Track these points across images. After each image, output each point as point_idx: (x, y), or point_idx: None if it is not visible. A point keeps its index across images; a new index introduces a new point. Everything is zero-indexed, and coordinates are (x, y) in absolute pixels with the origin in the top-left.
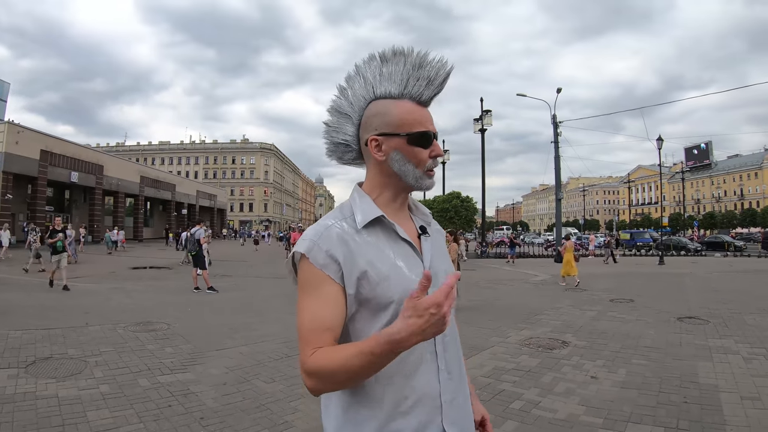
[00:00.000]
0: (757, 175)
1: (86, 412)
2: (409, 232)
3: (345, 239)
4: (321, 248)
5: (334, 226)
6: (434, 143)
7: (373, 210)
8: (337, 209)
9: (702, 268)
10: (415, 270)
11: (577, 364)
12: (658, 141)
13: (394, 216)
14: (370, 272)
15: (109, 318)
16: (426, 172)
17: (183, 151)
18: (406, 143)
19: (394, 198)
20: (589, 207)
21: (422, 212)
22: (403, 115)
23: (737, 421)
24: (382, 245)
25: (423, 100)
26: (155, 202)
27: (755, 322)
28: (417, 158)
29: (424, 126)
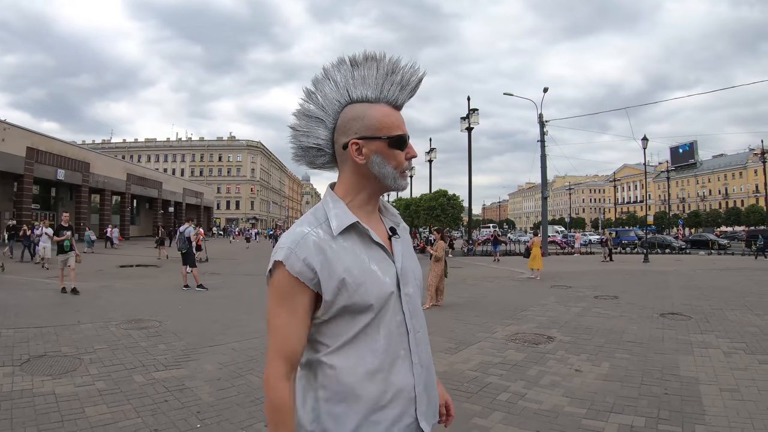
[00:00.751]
0: (741, 175)
1: (84, 408)
2: (380, 234)
3: (322, 247)
4: (298, 257)
5: (311, 234)
6: (409, 145)
7: (348, 216)
8: (310, 214)
9: (686, 265)
10: (388, 272)
11: (562, 358)
12: (644, 140)
13: (367, 219)
14: (348, 279)
15: (100, 316)
16: (402, 174)
17: (169, 149)
18: (387, 146)
19: (368, 200)
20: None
21: (391, 213)
22: (382, 118)
23: (716, 412)
24: (358, 250)
25: (398, 104)
26: (141, 199)
27: (736, 318)
28: (396, 160)
29: (401, 129)
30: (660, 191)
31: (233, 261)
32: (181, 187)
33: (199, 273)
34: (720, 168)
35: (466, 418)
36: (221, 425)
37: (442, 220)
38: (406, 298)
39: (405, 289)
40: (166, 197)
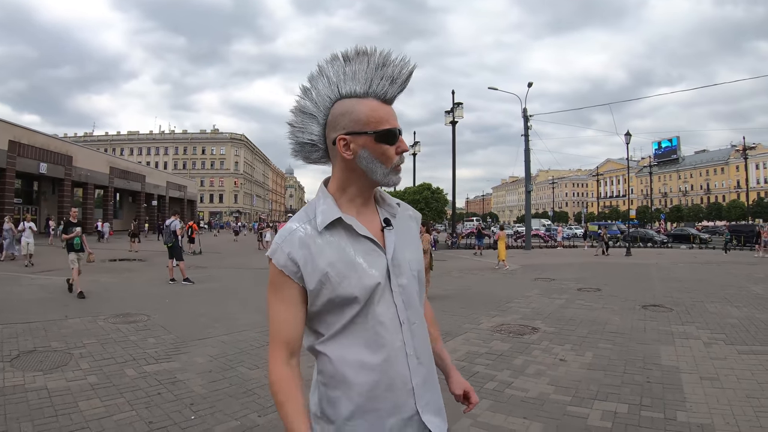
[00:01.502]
0: (723, 171)
1: (77, 402)
2: (372, 227)
3: (306, 242)
4: (283, 251)
5: (299, 229)
6: (400, 139)
7: (333, 211)
8: (303, 211)
9: (667, 259)
10: (376, 264)
11: (547, 348)
12: (627, 136)
13: (357, 212)
14: (331, 273)
15: (88, 311)
16: (393, 169)
17: (152, 142)
18: (374, 141)
19: (359, 194)
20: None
21: (388, 204)
22: (369, 113)
23: (696, 399)
24: (344, 244)
25: (387, 98)
26: (124, 193)
27: (716, 310)
28: (384, 155)
29: (390, 123)
30: (642, 186)
31: (218, 254)
32: (164, 180)
33: (186, 266)
34: (702, 164)
35: (455, 406)
36: (215, 416)
37: (426, 214)
38: (399, 289)
39: (398, 280)
40: (150, 191)
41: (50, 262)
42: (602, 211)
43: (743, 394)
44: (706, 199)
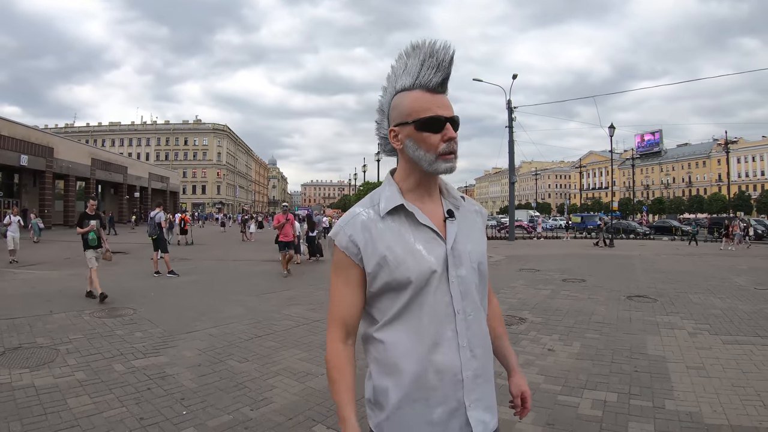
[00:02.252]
0: (705, 164)
1: (66, 399)
2: (434, 217)
3: (368, 226)
4: (345, 233)
5: (362, 213)
6: (446, 127)
7: (395, 198)
8: (368, 197)
9: (650, 251)
10: (435, 252)
11: (535, 338)
12: (610, 128)
13: (420, 201)
14: (389, 256)
15: (73, 305)
16: (440, 156)
17: (134, 133)
18: (415, 130)
19: (418, 183)
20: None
21: (453, 195)
22: (412, 103)
23: (683, 388)
24: (404, 230)
25: (431, 86)
26: (106, 185)
27: (700, 301)
28: (426, 143)
29: (432, 111)
30: (625, 178)
31: (205, 246)
32: (146, 171)
33: (170, 259)
34: (684, 157)
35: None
36: (207, 411)
37: None
38: (458, 279)
39: (456, 270)
40: (132, 182)
41: (33, 256)
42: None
43: (729, 382)
44: (687, 191)
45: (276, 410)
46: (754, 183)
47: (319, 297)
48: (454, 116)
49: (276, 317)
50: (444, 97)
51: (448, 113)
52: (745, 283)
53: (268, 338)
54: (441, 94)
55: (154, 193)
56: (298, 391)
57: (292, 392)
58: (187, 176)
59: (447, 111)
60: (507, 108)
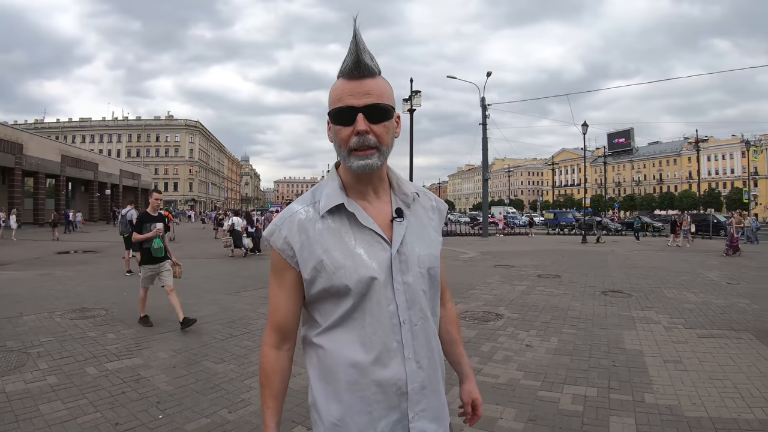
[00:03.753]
0: (675, 162)
1: (38, 405)
2: (380, 216)
3: (305, 227)
4: (281, 234)
5: (300, 212)
6: (356, 119)
7: (336, 196)
8: (310, 192)
9: (622, 246)
10: (377, 257)
11: (512, 334)
12: (584, 126)
13: (364, 198)
14: (326, 261)
15: (43, 306)
16: (351, 152)
17: (105, 129)
18: (331, 122)
19: (359, 179)
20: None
21: (403, 191)
22: (331, 93)
23: (662, 381)
24: (345, 231)
25: (347, 72)
26: (77, 182)
27: (673, 296)
28: (338, 136)
29: (342, 101)
30: (597, 175)
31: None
32: (117, 168)
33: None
34: (655, 155)
35: None
36: (184, 414)
37: None
38: (403, 286)
39: (402, 277)
40: (103, 179)
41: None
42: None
43: (706, 375)
44: (658, 188)
45: (254, 412)
46: (724, 180)
47: None
48: (372, 104)
49: (251, 316)
50: (363, 82)
51: (362, 102)
52: (717, 278)
53: (243, 338)
54: (357, 80)
55: (125, 191)
56: None
57: None
58: (159, 173)
59: (361, 99)
60: (481, 105)
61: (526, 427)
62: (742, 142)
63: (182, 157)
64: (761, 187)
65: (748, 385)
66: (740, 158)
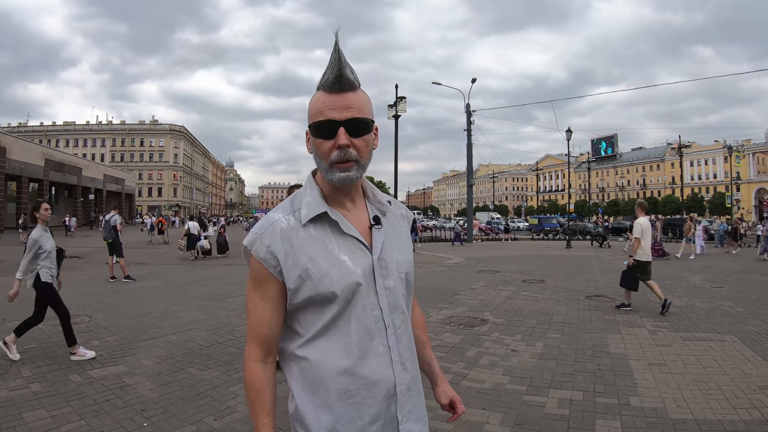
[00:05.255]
0: (659, 167)
1: (21, 413)
2: (359, 224)
3: (288, 235)
4: (263, 243)
5: (281, 221)
6: (338, 133)
7: (318, 205)
8: (288, 200)
9: (606, 251)
10: (360, 263)
11: (497, 339)
12: (568, 132)
13: (341, 206)
14: (312, 269)
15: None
16: (333, 165)
17: (89, 133)
18: (312, 135)
19: (336, 188)
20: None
21: (378, 200)
22: (310, 106)
23: (647, 384)
24: (328, 239)
25: (328, 85)
26: (60, 186)
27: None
28: (320, 149)
29: (324, 114)
30: (581, 181)
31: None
32: (101, 173)
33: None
34: (639, 160)
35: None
36: (169, 422)
37: None
38: (385, 291)
39: (384, 282)
40: (86, 184)
41: None
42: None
43: (690, 378)
44: (642, 194)
45: (240, 419)
46: (707, 185)
47: None
48: (353, 117)
49: (236, 322)
50: (344, 96)
51: (343, 116)
52: (701, 282)
53: (228, 344)
54: (339, 93)
55: (109, 196)
56: None
57: None
58: (143, 178)
59: (342, 113)
60: (465, 111)
61: (513, 431)
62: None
63: (166, 162)
64: (743, 191)
65: (732, 386)
66: (723, 163)
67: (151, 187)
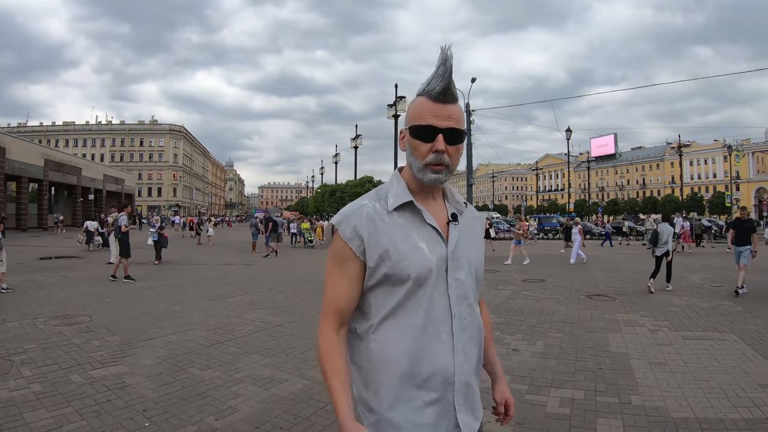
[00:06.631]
0: (658, 167)
1: (22, 414)
2: (438, 218)
3: (373, 219)
4: (350, 223)
5: (367, 206)
6: (437, 138)
7: (405, 195)
8: (374, 191)
9: (607, 250)
10: (436, 252)
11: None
12: (567, 132)
13: (424, 202)
14: (392, 251)
15: (26, 313)
16: (427, 166)
17: (89, 133)
18: (410, 135)
19: (422, 185)
20: (498, 192)
21: (456, 200)
22: (413, 109)
23: (648, 383)
24: (409, 227)
25: (433, 95)
26: (60, 187)
27: (657, 299)
28: (417, 151)
29: (426, 120)
30: (580, 180)
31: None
32: (101, 173)
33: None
34: (638, 159)
35: None
36: (170, 422)
37: None
38: (456, 282)
39: (455, 273)
40: (86, 184)
41: None
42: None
43: (692, 377)
44: (642, 193)
45: (242, 419)
46: (706, 185)
47: (279, 301)
48: (452, 127)
49: (236, 322)
50: (446, 107)
51: (444, 124)
52: (701, 281)
53: (229, 344)
54: (442, 104)
55: (108, 196)
56: (263, 398)
57: (257, 400)
58: (142, 178)
59: (443, 122)
60: (465, 111)
61: (515, 430)
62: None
63: (166, 162)
64: (743, 191)
65: (733, 385)
66: (722, 163)
67: (150, 187)
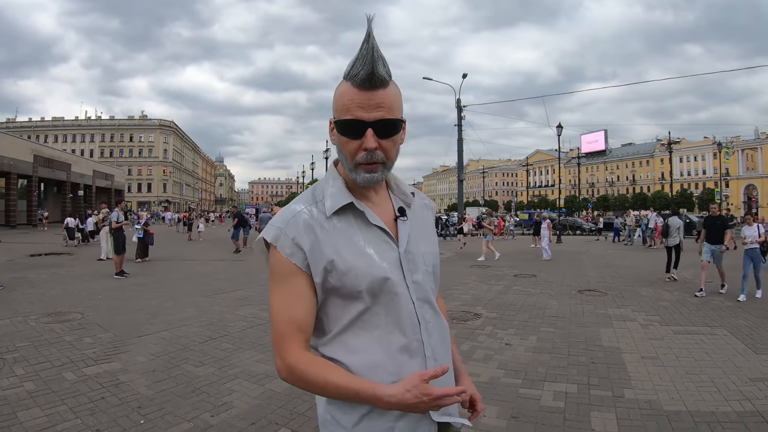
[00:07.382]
0: (648, 163)
1: (16, 412)
2: (384, 215)
3: (312, 226)
4: (288, 236)
5: (303, 212)
6: (366, 134)
7: (343, 196)
8: (309, 191)
9: (597, 246)
10: (387, 256)
11: (491, 333)
12: (558, 128)
13: (365, 197)
14: (337, 261)
15: (17, 310)
16: (358, 166)
17: (78, 128)
18: (337, 131)
19: None
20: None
21: (402, 191)
22: (337, 99)
23: (640, 377)
24: (353, 231)
25: (358, 81)
26: (49, 183)
27: (648, 294)
28: (345, 148)
29: (351, 113)
30: (570, 176)
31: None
32: (90, 169)
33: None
34: (628, 156)
35: None
36: (165, 419)
37: None
38: (414, 285)
39: (412, 276)
40: (75, 180)
41: None
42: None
43: (683, 371)
44: (632, 189)
45: (237, 415)
46: (696, 181)
47: None
48: (382, 119)
49: (229, 318)
50: (374, 93)
51: (372, 116)
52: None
53: (223, 340)
54: (368, 90)
55: (98, 192)
56: (258, 394)
57: (252, 396)
58: (132, 174)
59: (371, 113)
60: (456, 107)
61: (510, 424)
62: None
63: (156, 157)
64: (732, 187)
65: (724, 379)
66: (712, 159)
67: (140, 182)
